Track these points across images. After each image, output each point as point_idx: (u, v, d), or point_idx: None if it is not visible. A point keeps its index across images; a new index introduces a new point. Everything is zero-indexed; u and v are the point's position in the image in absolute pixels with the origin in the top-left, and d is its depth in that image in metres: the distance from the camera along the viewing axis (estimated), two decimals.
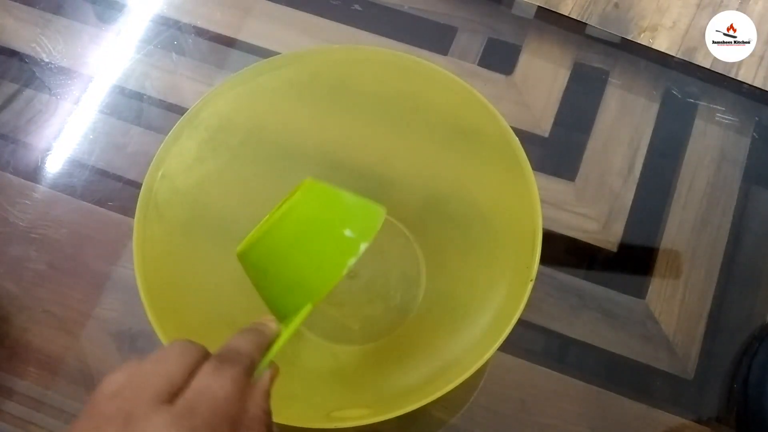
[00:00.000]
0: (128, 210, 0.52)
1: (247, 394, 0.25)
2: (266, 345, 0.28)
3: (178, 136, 0.41)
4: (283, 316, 0.32)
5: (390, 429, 0.45)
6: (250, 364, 0.26)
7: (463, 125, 0.42)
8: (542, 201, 0.37)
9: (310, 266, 0.32)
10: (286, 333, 0.29)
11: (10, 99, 0.57)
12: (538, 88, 0.56)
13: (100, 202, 0.53)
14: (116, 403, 0.23)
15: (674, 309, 0.49)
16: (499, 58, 0.57)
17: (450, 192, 0.45)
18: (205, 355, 0.25)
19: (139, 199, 0.40)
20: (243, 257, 0.33)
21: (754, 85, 0.55)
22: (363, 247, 0.31)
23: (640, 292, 0.49)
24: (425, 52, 0.57)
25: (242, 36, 0.59)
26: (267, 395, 0.27)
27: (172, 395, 0.23)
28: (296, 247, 0.32)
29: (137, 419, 0.22)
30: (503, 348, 0.35)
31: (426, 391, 0.33)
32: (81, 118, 0.57)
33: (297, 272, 0.32)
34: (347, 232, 0.32)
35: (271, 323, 0.29)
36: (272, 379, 0.27)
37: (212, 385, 0.23)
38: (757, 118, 0.54)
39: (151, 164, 0.41)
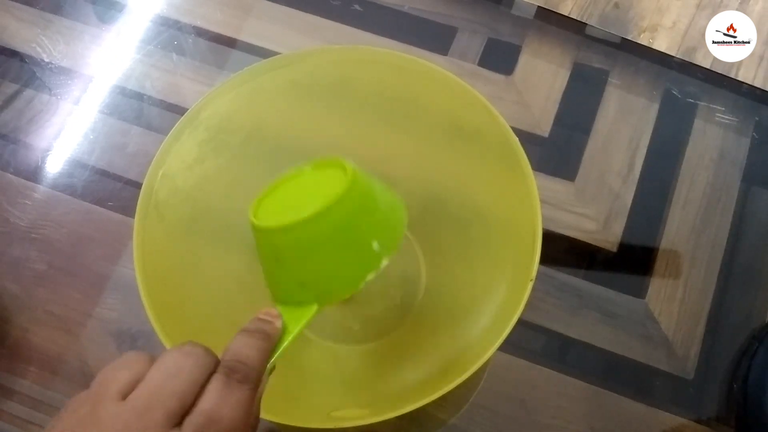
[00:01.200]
0: (129, 210, 0.52)
1: (251, 412, 0.25)
2: (271, 350, 0.27)
3: (178, 136, 0.42)
4: (282, 301, 0.31)
5: (389, 429, 0.45)
6: (257, 379, 0.25)
7: (463, 125, 0.42)
8: (542, 201, 0.38)
9: (328, 271, 0.31)
10: (291, 336, 0.28)
11: (11, 99, 0.57)
12: (538, 88, 0.56)
13: (100, 202, 0.53)
14: (124, 416, 0.23)
15: (674, 309, 0.49)
16: (499, 58, 0.57)
17: (450, 192, 0.45)
18: (215, 365, 0.25)
19: (140, 199, 0.40)
20: (261, 234, 0.31)
21: (754, 85, 0.55)
22: (384, 262, 0.31)
23: (640, 292, 0.49)
24: (425, 53, 0.57)
25: (242, 36, 0.59)
26: (260, 401, 0.27)
27: (182, 417, 0.23)
28: (322, 249, 0.31)
29: None
30: (503, 348, 0.35)
31: (426, 390, 0.33)
32: (81, 118, 0.57)
33: (313, 273, 0.31)
34: (374, 245, 0.31)
35: (277, 321, 0.28)
36: (268, 378, 0.27)
37: (222, 409, 0.24)
38: (756, 119, 0.54)
39: (152, 164, 0.41)
